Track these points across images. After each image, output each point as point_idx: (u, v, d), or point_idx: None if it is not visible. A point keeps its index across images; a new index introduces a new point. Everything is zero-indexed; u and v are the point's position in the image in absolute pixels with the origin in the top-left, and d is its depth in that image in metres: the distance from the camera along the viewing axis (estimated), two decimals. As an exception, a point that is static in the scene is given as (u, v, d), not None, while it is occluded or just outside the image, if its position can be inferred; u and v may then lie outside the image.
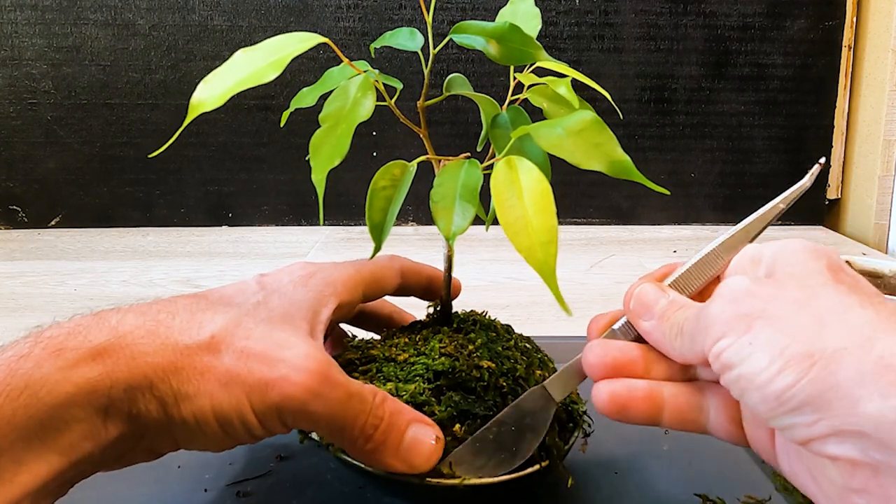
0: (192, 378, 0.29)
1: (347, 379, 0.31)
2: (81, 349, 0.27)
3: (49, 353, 0.27)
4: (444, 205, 0.30)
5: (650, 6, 1.01)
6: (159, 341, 0.29)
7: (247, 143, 1.02)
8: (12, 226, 1.04)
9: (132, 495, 0.37)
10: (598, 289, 0.77)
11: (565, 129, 0.30)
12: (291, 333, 0.31)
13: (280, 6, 0.99)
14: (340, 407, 0.30)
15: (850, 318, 0.24)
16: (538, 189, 0.28)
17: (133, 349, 0.28)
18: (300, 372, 0.29)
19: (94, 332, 0.28)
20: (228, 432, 0.29)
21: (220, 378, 0.29)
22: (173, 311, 0.31)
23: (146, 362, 0.28)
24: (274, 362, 0.29)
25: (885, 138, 0.99)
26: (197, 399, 0.29)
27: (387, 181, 0.31)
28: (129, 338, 0.28)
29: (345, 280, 0.36)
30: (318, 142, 0.30)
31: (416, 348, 0.36)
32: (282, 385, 0.29)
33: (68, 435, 0.27)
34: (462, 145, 0.99)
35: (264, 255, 0.91)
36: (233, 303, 0.32)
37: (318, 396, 0.29)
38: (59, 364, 0.27)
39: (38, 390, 0.26)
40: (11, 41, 0.98)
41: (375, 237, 0.30)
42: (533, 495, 0.37)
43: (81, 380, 0.27)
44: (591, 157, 0.30)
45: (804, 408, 0.24)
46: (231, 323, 0.31)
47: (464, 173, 0.31)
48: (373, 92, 0.31)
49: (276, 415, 0.29)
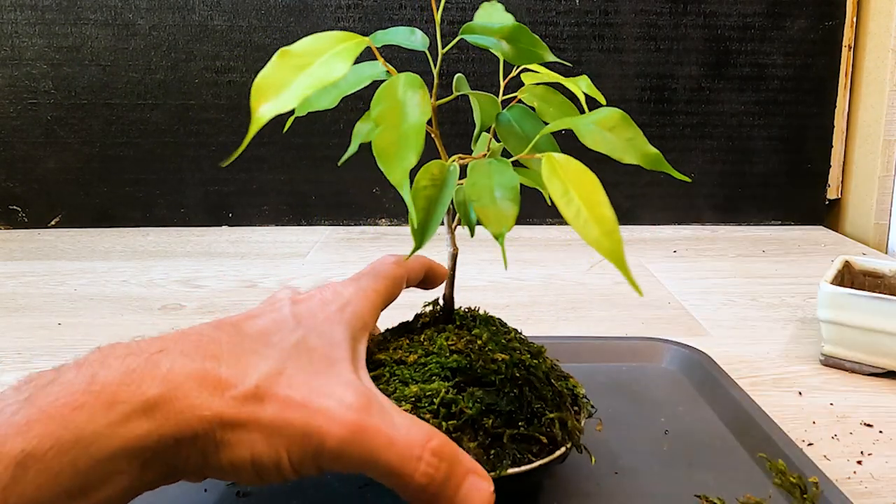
0: (235, 428, 0.29)
1: (392, 423, 0.30)
2: (134, 402, 0.27)
3: (102, 404, 0.27)
4: (483, 204, 0.30)
5: (650, 6, 1.01)
6: (206, 392, 0.29)
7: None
8: (12, 226, 1.04)
9: (132, 495, 0.37)
10: (599, 289, 0.77)
11: (597, 124, 0.31)
12: (332, 378, 0.31)
13: (280, 6, 0.99)
14: (380, 454, 0.29)
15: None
16: (585, 182, 0.28)
17: (183, 403, 0.28)
18: (336, 424, 0.29)
19: (147, 382, 0.28)
20: (261, 476, 0.30)
21: (263, 430, 0.29)
22: (218, 353, 0.31)
23: (195, 416, 0.28)
24: (313, 413, 0.30)
25: (885, 138, 0.99)
26: (238, 448, 0.29)
27: (427, 181, 0.31)
28: (179, 391, 0.28)
29: (371, 310, 0.37)
30: (383, 143, 0.30)
31: (423, 348, 0.36)
32: (319, 436, 0.29)
33: (109, 486, 0.27)
34: (462, 145, 0.98)
35: (264, 255, 0.91)
36: (271, 343, 0.33)
37: (354, 445, 0.29)
38: (111, 418, 0.27)
39: (88, 445, 0.26)
40: (11, 41, 0.98)
41: (417, 238, 0.30)
42: (534, 494, 0.37)
43: (131, 435, 0.27)
44: (628, 151, 0.31)
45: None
46: (274, 371, 0.31)
47: (496, 172, 0.31)
48: (424, 88, 0.31)
49: (312, 463, 0.30)
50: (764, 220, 1.09)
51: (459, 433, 0.33)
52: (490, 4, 0.36)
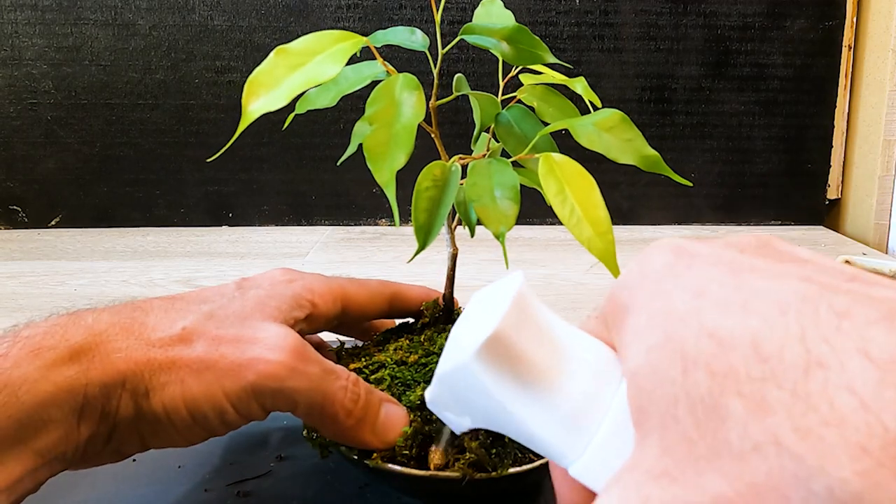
0: (163, 369, 0.29)
1: (322, 357, 0.31)
2: (59, 348, 0.27)
3: (27, 352, 0.27)
4: (483, 203, 0.30)
5: (650, 6, 1.01)
6: (133, 338, 0.29)
7: (247, 143, 1.02)
8: (12, 226, 1.04)
9: (132, 495, 0.37)
10: (598, 289, 0.77)
11: (595, 125, 0.31)
12: (264, 319, 0.31)
13: (280, 6, 0.99)
14: (319, 382, 0.30)
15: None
16: (581, 183, 0.29)
17: (108, 346, 0.28)
18: (276, 350, 0.29)
19: (70, 331, 0.28)
20: (199, 422, 0.29)
21: (192, 366, 0.29)
22: (147, 309, 0.31)
23: (120, 358, 0.28)
24: (248, 344, 0.29)
25: (885, 138, 0.99)
26: (167, 388, 0.28)
27: (429, 182, 0.31)
28: (104, 336, 0.29)
29: (325, 291, 0.36)
30: (374, 143, 0.30)
31: (423, 349, 0.36)
32: (257, 365, 0.29)
33: (45, 436, 0.27)
34: (462, 145, 0.98)
35: (264, 255, 0.91)
36: (208, 301, 0.33)
37: (296, 372, 0.29)
38: (37, 364, 0.27)
39: (16, 390, 0.26)
40: (11, 41, 0.98)
41: (420, 238, 0.30)
42: (535, 494, 0.37)
43: (60, 379, 0.27)
44: (625, 152, 0.32)
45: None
46: (203, 316, 0.31)
47: (496, 172, 0.31)
48: (420, 90, 0.31)
49: (251, 397, 0.29)
50: (764, 221, 1.09)
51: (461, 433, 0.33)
52: (489, 1, 0.36)
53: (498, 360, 0.19)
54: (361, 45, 0.30)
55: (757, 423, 0.14)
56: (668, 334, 0.17)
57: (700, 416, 0.15)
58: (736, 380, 0.15)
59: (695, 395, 0.15)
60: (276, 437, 0.43)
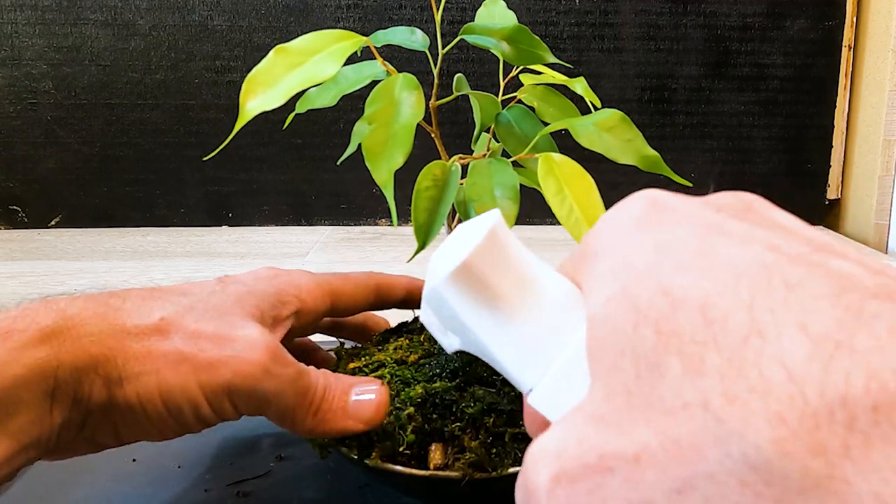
0: (138, 358, 0.28)
1: (294, 358, 0.31)
2: (30, 331, 0.27)
3: None
4: (483, 203, 0.30)
5: (650, 6, 1.01)
6: (107, 323, 0.29)
7: (247, 143, 1.02)
8: (12, 226, 1.04)
9: (132, 495, 0.37)
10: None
11: (596, 125, 0.31)
12: (243, 316, 0.31)
13: (280, 6, 0.99)
14: (292, 384, 0.30)
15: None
16: (580, 183, 0.29)
17: (80, 330, 0.28)
18: (253, 350, 0.29)
19: (42, 314, 0.28)
20: (174, 415, 0.29)
21: (169, 357, 0.28)
22: (125, 296, 0.31)
23: (93, 342, 0.28)
24: (226, 341, 0.29)
25: (885, 138, 0.99)
26: (143, 378, 0.28)
27: (429, 181, 0.31)
28: (76, 319, 0.28)
29: (311, 287, 0.35)
30: (372, 142, 0.30)
31: (423, 349, 0.36)
32: (233, 363, 0.29)
33: (17, 419, 0.26)
34: (462, 145, 0.98)
35: (264, 255, 0.91)
36: (188, 294, 0.32)
37: (271, 374, 0.29)
38: (7, 346, 0.26)
39: None
40: (11, 41, 0.98)
41: (420, 238, 0.31)
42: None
43: (30, 361, 0.26)
44: (625, 152, 0.32)
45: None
46: (182, 308, 0.30)
47: (496, 172, 0.31)
48: (419, 90, 0.31)
49: (225, 395, 0.29)
50: (764, 220, 1.09)
51: (461, 433, 0.33)
52: (492, 1, 0.36)
53: (466, 287, 0.21)
54: (361, 45, 0.30)
55: (690, 383, 0.15)
56: (626, 287, 0.17)
57: (642, 370, 0.16)
58: (680, 340, 0.15)
59: (640, 350, 0.16)
60: (276, 437, 0.43)
